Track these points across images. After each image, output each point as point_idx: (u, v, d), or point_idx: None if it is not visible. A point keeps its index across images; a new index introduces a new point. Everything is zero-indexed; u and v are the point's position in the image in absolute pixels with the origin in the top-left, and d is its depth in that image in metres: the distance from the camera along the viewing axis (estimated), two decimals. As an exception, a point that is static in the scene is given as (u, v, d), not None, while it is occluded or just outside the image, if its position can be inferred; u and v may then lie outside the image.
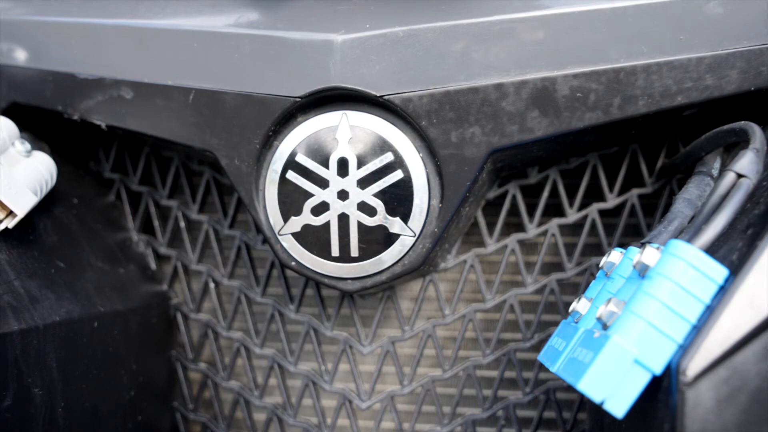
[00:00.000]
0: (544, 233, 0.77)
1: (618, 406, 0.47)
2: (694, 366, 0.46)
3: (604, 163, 0.76)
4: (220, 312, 0.87)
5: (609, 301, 0.50)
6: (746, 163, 0.53)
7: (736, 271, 0.48)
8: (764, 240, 0.48)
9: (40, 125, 0.81)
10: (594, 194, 0.77)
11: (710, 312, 0.47)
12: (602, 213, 0.76)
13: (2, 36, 0.79)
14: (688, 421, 0.46)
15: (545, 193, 0.77)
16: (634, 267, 0.51)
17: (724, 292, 0.48)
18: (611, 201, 0.76)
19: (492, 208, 0.79)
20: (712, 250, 0.52)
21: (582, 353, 0.49)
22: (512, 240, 0.77)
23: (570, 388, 0.77)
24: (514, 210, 0.78)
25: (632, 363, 0.47)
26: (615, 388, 0.47)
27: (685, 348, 0.47)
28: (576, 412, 0.78)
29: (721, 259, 0.50)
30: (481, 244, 0.78)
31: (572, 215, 0.76)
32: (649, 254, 0.50)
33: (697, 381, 0.47)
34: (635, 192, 0.75)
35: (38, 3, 0.85)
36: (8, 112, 0.79)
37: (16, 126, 0.76)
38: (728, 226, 0.52)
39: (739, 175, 0.53)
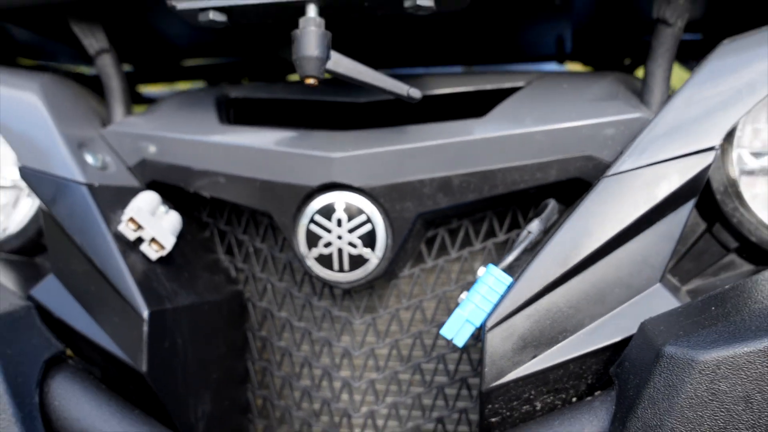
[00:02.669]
0: (461, 256, 1.03)
1: (459, 341, 0.86)
2: (491, 323, 0.84)
3: (497, 215, 1.02)
4: (274, 302, 1.10)
5: (464, 292, 0.91)
6: (534, 225, 0.89)
7: (516, 279, 0.85)
8: (530, 263, 0.85)
9: (167, 192, 1.04)
10: (491, 233, 1.03)
11: (502, 298, 0.85)
12: (496, 245, 1.03)
13: (142, 142, 1.04)
14: (488, 347, 0.83)
15: (461, 233, 1.03)
16: (477, 276, 0.90)
17: (509, 288, 0.85)
18: (501, 237, 1.02)
19: (430, 241, 1.04)
20: (513, 268, 0.88)
21: (448, 318, 0.90)
22: (442, 260, 1.04)
23: (478, 349, 1.08)
24: (443, 243, 1.05)
25: (465, 321, 0.85)
26: (457, 333, 0.85)
27: (489, 314, 0.85)
28: (479, 363, 1.08)
29: (512, 273, 0.87)
30: (424, 262, 1.05)
31: (477, 245, 1.03)
32: (480, 270, 0.89)
33: (492, 329, 0.83)
34: (515, 232, 1.02)
35: (161, 120, 1.08)
36: (150, 186, 1.04)
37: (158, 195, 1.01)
38: (520, 257, 0.88)
39: (529, 232, 0.90)
